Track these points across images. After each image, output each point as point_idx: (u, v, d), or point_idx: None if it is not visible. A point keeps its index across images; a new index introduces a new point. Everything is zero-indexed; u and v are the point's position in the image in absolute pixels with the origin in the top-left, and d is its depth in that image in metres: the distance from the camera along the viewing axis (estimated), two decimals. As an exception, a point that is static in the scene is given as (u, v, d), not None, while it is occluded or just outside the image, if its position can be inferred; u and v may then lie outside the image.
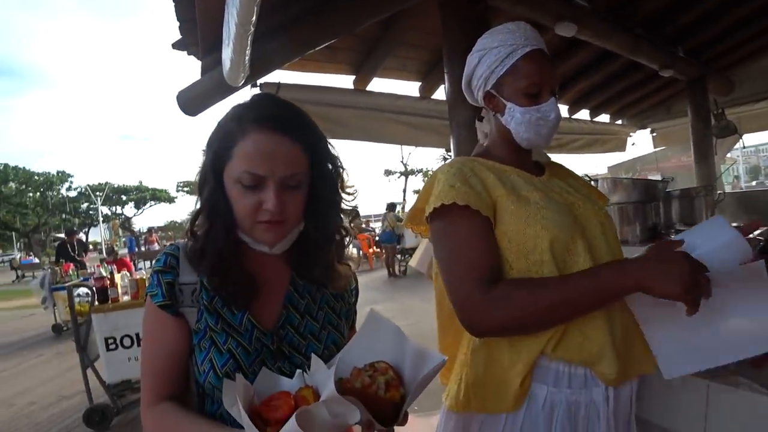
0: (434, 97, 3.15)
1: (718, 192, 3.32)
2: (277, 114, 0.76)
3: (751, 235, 1.82)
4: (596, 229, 0.96)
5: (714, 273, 0.77)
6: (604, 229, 0.97)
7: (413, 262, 2.71)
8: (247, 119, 0.74)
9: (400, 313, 5.85)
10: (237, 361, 0.76)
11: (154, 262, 0.74)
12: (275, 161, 0.73)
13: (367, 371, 0.68)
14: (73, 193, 40.74)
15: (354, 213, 0.89)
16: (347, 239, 0.89)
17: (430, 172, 1.83)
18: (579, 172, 1.21)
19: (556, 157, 1.32)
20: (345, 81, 2.92)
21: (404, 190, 30.16)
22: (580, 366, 0.87)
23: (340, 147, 0.89)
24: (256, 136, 0.73)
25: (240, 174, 0.73)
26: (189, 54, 2.67)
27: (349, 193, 0.87)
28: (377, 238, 12.09)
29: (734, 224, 2.70)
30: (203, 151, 0.79)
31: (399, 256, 10.28)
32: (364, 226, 13.50)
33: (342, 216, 0.87)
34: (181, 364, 0.79)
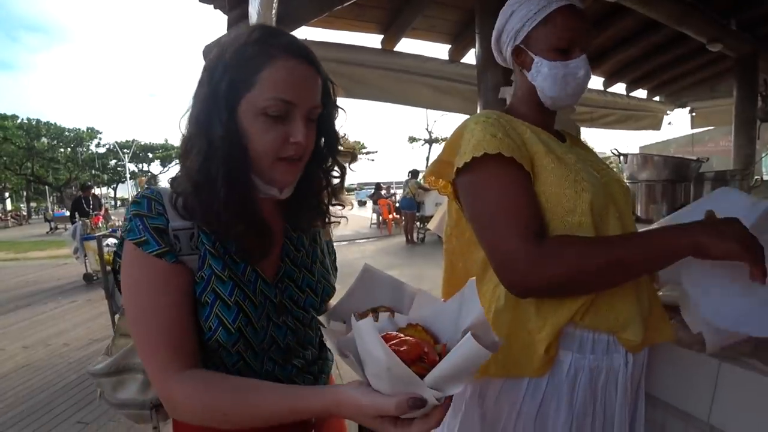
0: (463, 61, 3.04)
1: (756, 177, 3.16)
2: (300, 43, 0.70)
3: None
4: (621, 200, 0.95)
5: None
6: (626, 202, 0.97)
7: (432, 224, 2.71)
8: (273, 44, 0.67)
9: (415, 279, 5.91)
10: (247, 315, 0.70)
11: (129, 205, 0.70)
12: (305, 90, 0.69)
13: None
14: (102, 150, 41.96)
15: (353, 155, 0.87)
16: (343, 180, 0.86)
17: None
18: (609, 148, 1.20)
19: (587, 132, 1.30)
20: (373, 40, 2.85)
21: (427, 158, 29.91)
22: (604, 333, 0.87)
23: (364, 109, 0.87)
24: (287, 61, 0.66)
25: (268, 102, 0.65)
26: (216, 8, 2.65)
27: (343, 136, 0.83)
28: (397, 205, 12.11)
29: None
30: (203, 80, 0.68)
31: (418, 223, 10.29)
32: (385, 192, 13.49)
33: (339, 158, 0.83)
34: (190, 318, 0.68)
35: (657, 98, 5.25)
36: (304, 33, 2.52)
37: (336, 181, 0.84)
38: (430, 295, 0.72)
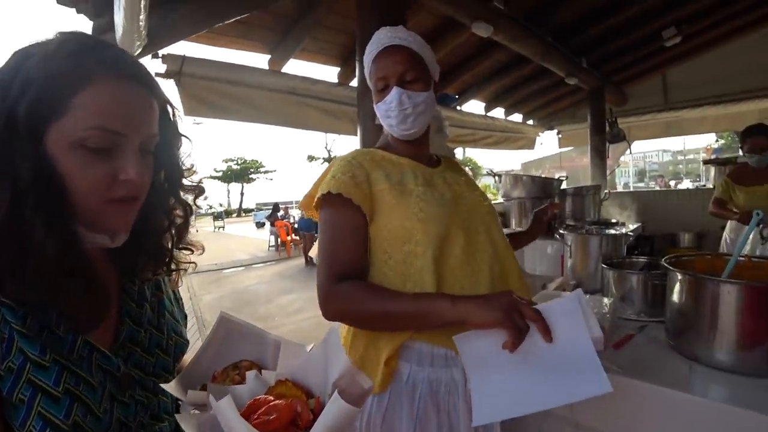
0: (352, 84, 3.10)
1: (605, 191, 3.70)
2: (128, 58, 0.57)
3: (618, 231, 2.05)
4: (480, 225, 1.04)
5: (538, 306, 0.76)
6: (488, 226, 1.05)
7: (312, 251, 2.70)
8: (95, 60, 0.54)
9: (314, 303, 5.75)
10: (84, 404, 0.55)
11: None
12: (138, 117, 0.56)
13: (233, 371, 0.64)
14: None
15: (199, 189, 0.73)
16: (190, 219, 0.73)
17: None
18: (494, 167, 1.30)
19: (471, 152, 1.41)
20: (259, 60, 2.76)
21: (328, 177, 30.01)
22: (442, 347, 0.94)
23: (261, 127, 0.77)
24: (112, 83, 0.54)
25: (88, 132, 0.52)
26: (78, 12, 2.36)
27: (187, 168, 0.71)
28: (296, 226, 11.84)
29: (613, 220, 3.05)
30: None
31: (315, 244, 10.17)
32: (282, 213, 13.08)
33: (183, 193, 0.72)
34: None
35: (531, 121, 5.92)
36: (183, 48, 2.37)
37: (180, 221, 0.71)
38: (294, 343, 0.69)
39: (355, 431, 0.96)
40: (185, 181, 0.71)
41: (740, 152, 2.87)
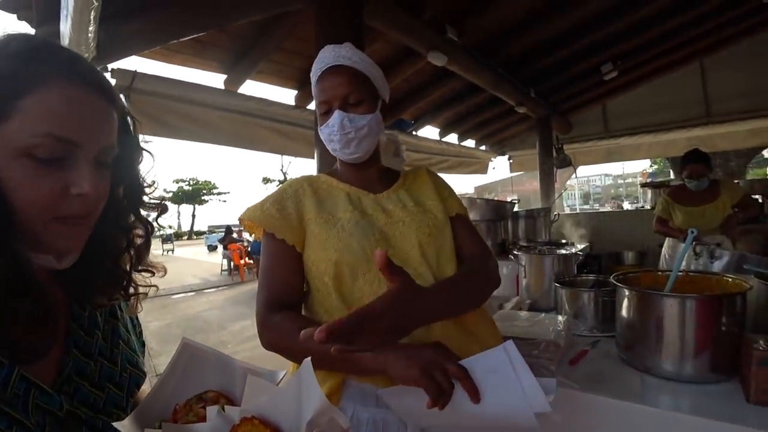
0: (309, 107, 3.11)
1: (555, 213, 3.89)
2: (84, 64, 0.53)
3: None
4: (410, 251, 0.94)
5: (464, 362, 0.70)
6: (424, 250, 0.95)
7: None
8: (45, 62, 0.49)
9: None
10: None
11: None
12: (93, 125, 0.51)
13: (197, 403, 0.59)
14: None
15: (162, 207, 0.68)
16: (150, 239, 0.68)
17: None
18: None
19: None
20: (215, 80, 2.72)
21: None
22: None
23: (215, 147, 0.71)
24: (64, 87, 0.49)
25: (34, 139, 0.47)
26: (20, 19, 2.22)
27: (148, 185, 0.66)
28: (249, 249, 11.48)
29: (563, 241, 3.20)
30: None
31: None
32: (236, 236, 12.64)
33: (143, 210, 0.66)
34: None
35: (483, 147, 6.16)
36: (134, 64, 2.29)
37: (139, 240, 0.65)
38: (262, 371, 0.65)
39: None
40: (146, 198, 0.66)
41: (675, 176, 3.11)
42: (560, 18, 3.26)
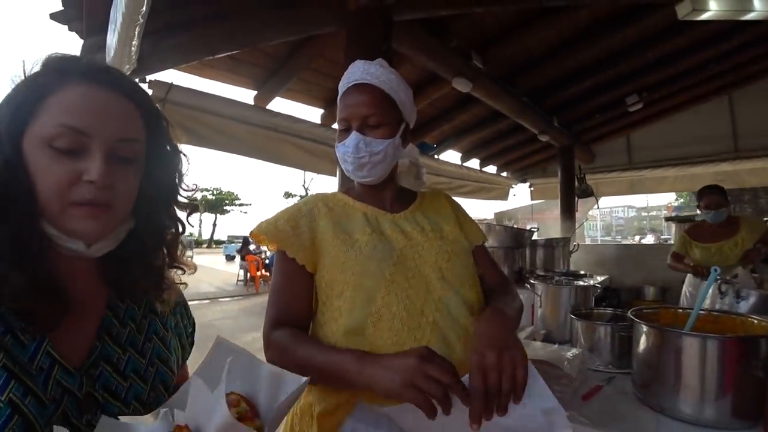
0: (335, 126, 3.18)
1: (574, 243, 3.83)
2: (109, 69, 0.60)
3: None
4: (430, 274, 0.93)
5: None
6: (443, 274, 0.93)
7: None
8: (68, 70, 0.57)
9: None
10: (25, 419, 0.50)
11: None
12: (106, 118, 0.56)
13: None
14: None
15: (193, 206, 0.73)
16: (181, 237, 0.72)
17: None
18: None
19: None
20: (245, 95, 2.82)
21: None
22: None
23: (239, 160, 0.77)
24: (82, 86, 0.56)
25: (53, 130, 0.54)
26: (70, 30, 2.36)
27: (187, 188, 0.70)
28: (266, 261, 11.55)
29: (581, 272, 3.14)
30: None
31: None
32: (253, 247, 12.75)
33: (177, 210, 0.71)
34: None
35: (504, 174, 6.15)
36: (171, 77, 2.40)
37: (172, 239, 0.70)
38: (286, 381, 0.62)
39: None
40: (180, 198, 0.70)
41: (698, 210, 3.05)
42: (586, 48, 3.28)
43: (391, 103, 0.96)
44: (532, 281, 2.08)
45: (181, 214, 0.72)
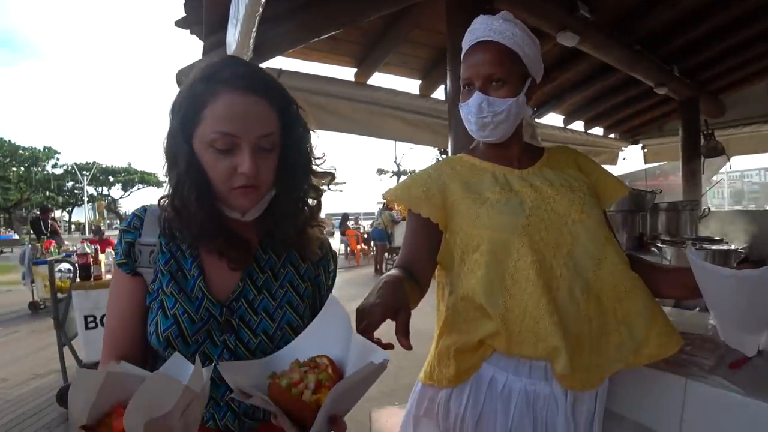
0: (433, 96, 3.17)
1: (704, 207, 3.39)
2: (246, 74, 0.73)
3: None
4: (563, 227, 0.93)
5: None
6: (576, 228, 0.93)
7: None
8: (217, 80, 0.72)
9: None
10: (180, 328, 0.74)
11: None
12: (248, 121, 0.71)
13: (303, 366, 0.63)
14: (59, 170, 39.80)
15: (330, 176, 0.87)
16: (320, 201, 0.88)
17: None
18: None
19: None
20: (346, 73, 2.93)
21: (396, 191, 30.39)
22: (541, 360, 0.89)
23: (333, 140, 0.90)
24: (228, 96, 0.71)
25: (212, 136, 0.71)
26: (192, 33, 2.66)
27: (318, 157, 0.85)
28: (365, 236, 12.02)
29: (716, 238, 2.78)
30: (169, 118, 0.76)
31: (386, 254, 10.28)
32: (353, 222, 13.36)
33: (314, 178, 0.85)
34: (133, 323, 0.78)
35: (612, 135, 5.61)
36: (279, 63, 2.57)
37: (312, 202, 0.87)
38: (368, 351, 0.60)
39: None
40: (317, 168, 0.85)
41: None
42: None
43: (516, 59, 0.95)
44: (658, 245, 1.91)
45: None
